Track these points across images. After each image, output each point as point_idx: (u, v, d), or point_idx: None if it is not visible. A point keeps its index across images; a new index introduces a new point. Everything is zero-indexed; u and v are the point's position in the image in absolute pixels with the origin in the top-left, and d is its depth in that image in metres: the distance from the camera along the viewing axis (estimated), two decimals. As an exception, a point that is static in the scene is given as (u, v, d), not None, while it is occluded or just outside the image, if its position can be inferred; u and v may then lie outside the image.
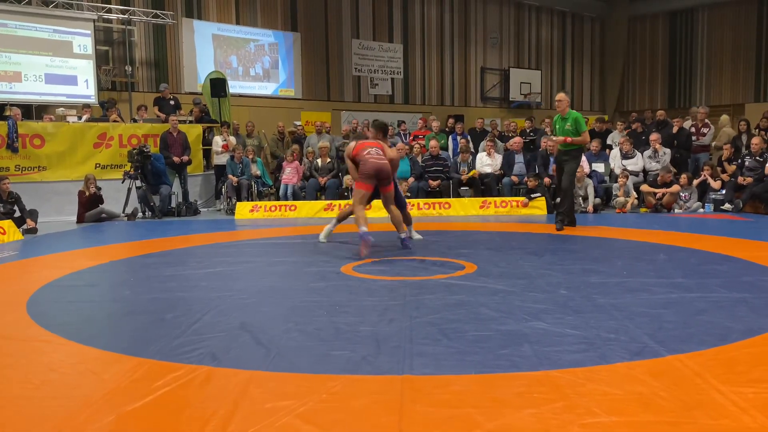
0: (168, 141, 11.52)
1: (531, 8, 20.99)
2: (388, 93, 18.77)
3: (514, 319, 3.68)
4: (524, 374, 2.75)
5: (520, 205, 10.29)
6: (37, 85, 12.77)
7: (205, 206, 12.21)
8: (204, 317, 3.86)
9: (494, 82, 20.41)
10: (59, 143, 10.92)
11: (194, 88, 15.05)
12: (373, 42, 18.29)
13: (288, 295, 4.52)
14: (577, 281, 4.72)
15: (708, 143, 12.10)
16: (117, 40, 14.51)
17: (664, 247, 6.43)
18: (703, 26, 20.03)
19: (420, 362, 2.93)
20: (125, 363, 3.03)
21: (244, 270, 5.57)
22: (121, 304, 4.48)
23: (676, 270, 5.13)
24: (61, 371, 2.99)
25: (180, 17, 15.07)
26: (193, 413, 2.43)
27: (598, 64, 22.41)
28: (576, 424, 2.24)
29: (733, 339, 3.20)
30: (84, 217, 10.20)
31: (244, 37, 16.27)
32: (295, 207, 10.78)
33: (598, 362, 2.89)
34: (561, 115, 7.80)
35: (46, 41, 12.84)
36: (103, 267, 6.01)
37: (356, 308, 4.02)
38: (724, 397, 2.44)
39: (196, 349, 3.21)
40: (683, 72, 20.55)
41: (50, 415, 2.44)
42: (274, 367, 2.93)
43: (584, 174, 10.33)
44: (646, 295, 4.24)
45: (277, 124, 13.67)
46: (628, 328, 3.41)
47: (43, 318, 3.96)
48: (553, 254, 5.52)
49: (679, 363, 2.84)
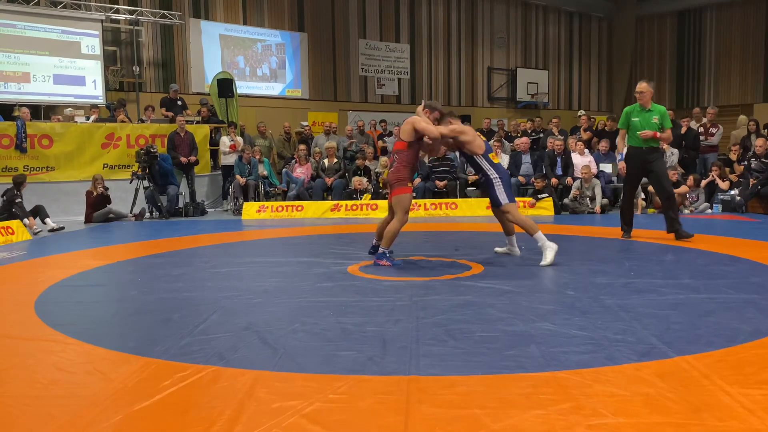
0: (175, 141, 11.56)
1: (538, 8, 20.96)
2: (394, 93, 18.78)
3: (520, 319, 3.67)
4: (531, 375, 2.75)
5: (527, 206, 10.27)
6: (46, 85, 12.85)
7: (212, 206, 12.24)
8: (211, 317, 3.87)
9: (501, 82, 20.39)
10: (67, 143, 10.97)
11: (201, 89, 15.10)
12: (380, 42, 18.30)
13: (295, 295, 4.53)
14: (584, 282, 4.71)
15: (716, 143, 12.05)
16: (125, 40, 14.58)
17: (671, 248, 6.40)
18: (711, 26, 19.94)
19: (426, 363, 2.92)
20: (132, 363, 3.04)
21: (250, 270, 5.57)
22: (128, 304, 4.49)
23: (684, 271, 5.11)
24: (69, 371, 3.00)
25: (187, 17, 15.12)
26: (199, 413, 2.44)
27: (605, 65, 22.34)
28: (583, 425, 2.23)
29: (741, 340, 3.19)
30: (92, 217, 10.24)
31: (251, 37, 16.30)
32: (302, 207, 10.79)
33: (605, 363, 2.87)
34: (644, 107, 6.85)
35: (54, 42, 12.92)
36: (110, 267, 6.03)
37: (363, 308, 4.01)
38: (731, 399, 2.42)
39: (202, 349, 3.22)
40: (691, 72, 20.46)
41: (57, 415, 2.44)
42: (281, 367, 2.94)
43: (592, 174, 10.31)
44: (654, 296, 4.22)
45: (284, 125, 13.70)
46: (636, 329, 3.40)
47: (50, 318, 3.97)
48: (560, 255, 5.50)
49: (686, 364, 2.83)
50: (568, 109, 21.06)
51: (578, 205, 10.19)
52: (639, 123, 6.79)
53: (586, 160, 10.81)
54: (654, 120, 6.73)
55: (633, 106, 6.95)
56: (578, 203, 10.22)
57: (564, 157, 11.00)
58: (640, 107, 6.85)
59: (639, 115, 6.83)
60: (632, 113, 6.90)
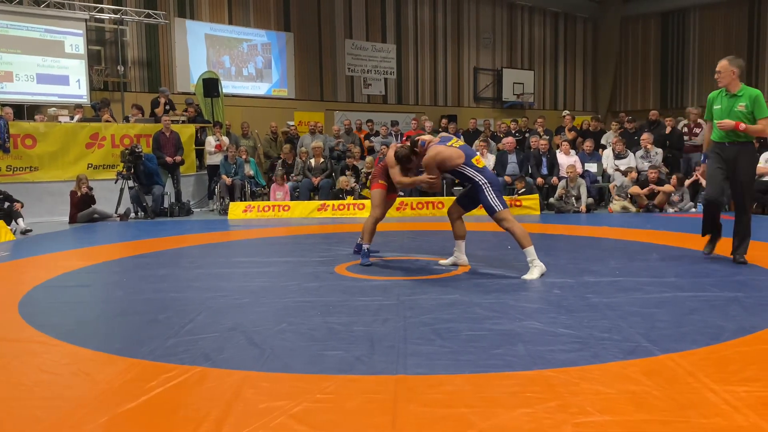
0: (160, 141, 11.48)
1: (524, 9, 21.04)
2: (381, 93, 18.77)
3: (507, 318, 3.68)
4: (518, 374, 2.76)
5: (513, 205, 10.31)
6: (29, 85, 12.73)
7: (197, 206, 12.17)
8: (197, 318, 3.85)
9: (487, 83, 20.44)
10: (51, 143, 10.87)
11: (187, 88, 15.02)
12: (366, 42, 18.29)
13: (281, 295, 4.51)
14: (571, 281, 4.73)
15: (700, 143, 12.15)
16: (109, 40, 14.47)
17: (656, 247, 6.45)
18: (694, 27, 20.13)
19: (414, 362, 2.93)
20: (118, 364, 3.02)
21: (237, 270, 5.55)
22: (113, 304, 4.46)
23: (669, 269, 5.15)
24: (54, 372, 2.97)
25: (172, 17, 15.03)
26: (186, 414, 2.42)
27: (590, 65, 22.48)
28: (569, 423, 2.25)
29: (726, 338, 3.22)
30: (76, 217, 10.16)
31: (237, 37, 16.24)
32: (289, 207, 10.77)
33: (591, 361, 2.89)
34: (729, 91, 5.33)
35: (37, 41, 12.80)
36: (95, 267, 5.98)
37: (350, 308, 4.01)
38: (716, 396, 2.44)
39: (189, 349, 3.20)
40: (675, 72, 20.64)
41: (43, 417, 2.42)
42: (268, 367, 2.93)
43: (577, 173, 10.37)
44: (639, 294, 4.25)
45: (270, 124, 13.64)
46: (621, 328, 3.42)
47: (35, 319, 3.94)
48: (547, 254, 5.52)
49: (671, 362, 2.85)
50: (554, 109, 21.16)
51: (564, 205, 10.25)
52: (720, 111, 5.34)
53: (572, 160, 10.88)
54: (740, 107, 5.22)
55: (717, 90, 5.48)
56: (564, 202, 10.27)
57: (549, 156, 11.07)
58: (725, 92, 5.37)
59: (722, 102, 5.38)
60: (715, 99, 5.47)
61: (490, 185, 5.07)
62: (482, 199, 5.08)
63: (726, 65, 5.32)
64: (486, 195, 5.04)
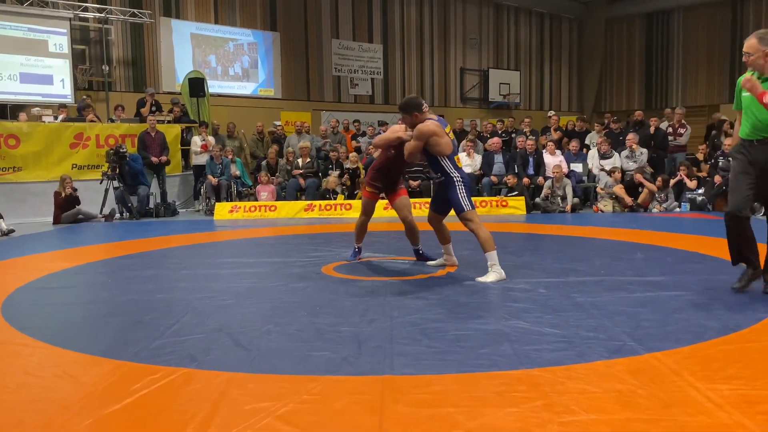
0: (146, 141, 11.42)
1: (509, 9, 21.11)
2: (368, 93, 18.76)
3: (494, 318, 3.70)
4: (504, 373, 2.77)
5: (500, 205, 10.34)
6: (12, 84, 12.58)
7: (183, 207, 12.11)
8: (183, 319, 3.83)
9: (473, 83, 20.50)
10: (35, 143, 10.76)
11: (173, 88, 14.92)
12: (353, 42, 18.27)
13: (268, 295, 4.50)
14: (556, 280, 4.76)
15: (684, 143, 12.26)
16: (94, 39, 14.34)
17: (641, 246, 6.50)
18: (678, 28, 20.28)
19: (401, 362, 2.93)
20: (103, 366, 3.00)
21: (223, 271, 5.53)
22: (98, 306, 4.43)
23: (654, 269, 5.19)
24: (38, 375, 2.95)
25: (158, 16, 14.93)
26: (172, 416, 2.41)
27: (575, 65, 22.62)
28: (555, 422, 2.26)
29: (709, 337, 3.25)
30: (60, 218, 10.07)
31: (223, 36, 16.16)
32: (275, 207, 10.74)
33: (576, 361, 2.91)
34: (762, 74, 4.10)
35: (20, 40, 12.65)
36: (80, 269, 5.94)
37: (337, 309, 4.01)
38: (700, 394, 2.47)
39: (175, 351, 3.19)
40: (660, 73, 20.79)
41: (27, 420, 2.40)
42: (254, 368, 2.92)
43: (563, 173, 10.42)
44: (624, 293, 4.28)
45: (257, 124, 13.60)
46: (607, 327, 3.45)
47: (18, 321, 3.90)
48: (533, 253, 5.55)
49: (656, 361, 2.88)
50: (540, 110, 21.25)
51: (549, 204, 10.30)
52: (750, 99, 4.14)
53: (557, 160, 10.93)
54: None
55: (748, 73, 4.21)
56: (549, 202, 10.32)
57: (536, 156, 11.11)
58: (758, 76, 4.13)
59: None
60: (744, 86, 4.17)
61: (462, 184, 5.04)
62: (452, 196, 5.04)
63: (756, 45, 4.07)
64: (457, 192, 5.00)
